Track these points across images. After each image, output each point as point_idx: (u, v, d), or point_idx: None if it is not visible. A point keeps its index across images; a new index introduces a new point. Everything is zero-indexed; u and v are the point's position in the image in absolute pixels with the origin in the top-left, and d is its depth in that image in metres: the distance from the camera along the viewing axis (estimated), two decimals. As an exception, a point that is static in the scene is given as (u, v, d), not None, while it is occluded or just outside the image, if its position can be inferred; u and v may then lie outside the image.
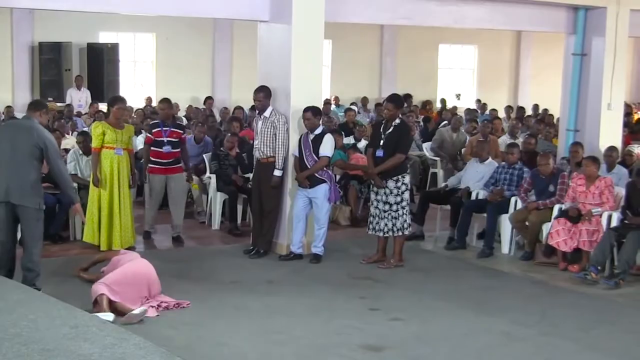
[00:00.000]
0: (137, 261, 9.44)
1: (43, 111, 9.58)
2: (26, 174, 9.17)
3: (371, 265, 11.24)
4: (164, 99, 13.16)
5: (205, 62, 24.64)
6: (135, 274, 9.14)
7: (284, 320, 8.78)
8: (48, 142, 9.21)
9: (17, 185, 9.15)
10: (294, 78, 11.57)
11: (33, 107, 9.64)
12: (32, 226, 9.28)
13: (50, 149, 9.20)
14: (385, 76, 27.17)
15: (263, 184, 11.63)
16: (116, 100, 12.17)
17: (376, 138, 11.26)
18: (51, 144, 9.24)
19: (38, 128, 9.32)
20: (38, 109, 9.58)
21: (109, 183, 11.64)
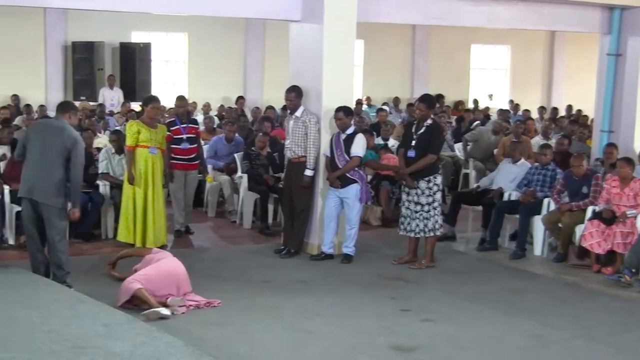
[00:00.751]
0: (169, 259, 9.45)
1: (72, 112, 9.68)
2: (52, 173, 9.27)
3: (402, 265, 11.23)
4: (179, 96, 13.29)
5: (237, 62, 24.68)
6: (168, 272, 9.16)
7: (314, 320, 8.79)
8: (75, 145, 9.29)
9: (42, 184, 9.30)
10: (325, 78, 11.58)
11: (62, 109, 9.73)
12: (55, 224, 9.38)
13: (76, 151, 9.28)
14: (417, 76, 27.12)
15: (294, 183, 11.65)
16: (150, 99, 12.23)
17: (408, 138, 11.25)
18: (78, 148, 9.31)
19: (69, 129, 9.44)
20: (67, 110, 9.68)
21: (143, 182, 11.68)
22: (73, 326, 7.65)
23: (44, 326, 7.59)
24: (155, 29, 23.47)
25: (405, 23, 22.38)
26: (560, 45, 28.98)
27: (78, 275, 9.85)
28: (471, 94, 28.10)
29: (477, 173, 16.32)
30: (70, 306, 8.30)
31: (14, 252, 11.44)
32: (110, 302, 8.70)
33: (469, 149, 17.46)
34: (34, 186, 9.36)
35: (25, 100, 20.80)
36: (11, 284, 9.07)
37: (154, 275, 9.03)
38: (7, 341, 7.12)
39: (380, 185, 14.25)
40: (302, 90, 11.60)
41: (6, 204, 11.80)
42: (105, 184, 12.71)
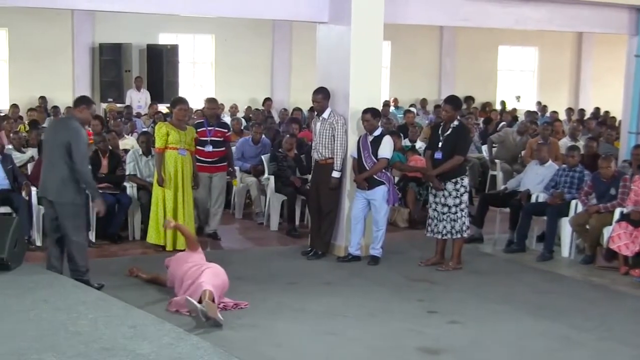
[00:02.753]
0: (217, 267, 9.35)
1: (82, 107, 9.70)
2: (58, 170, 9.40)
3: (429, 267, 11.20)
4: (210, 98, 13.27)
5: (264, 63, 24.73)
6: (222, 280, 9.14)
7: (341, 322, 8.78)
8: (73, 139, 9.31)
9: (51, 182, 9.48)
10: (352, 79, 11.57)
11: (73, 104, 9.98)
12: (68, 222, 9.49)
13: (74, 146, 9.30)
14: (445, 78, 27.10)
15: (321, 185, 11.64)
16: (178, 101, 12.25)
17: (434, 140, 11.21)
18: (76, 142, 9.32)
19: (71, 123, 9.57)
20: (76, 105, 9.84)
21: (173, 183, 11.71)
22: (100, 328, 7.68)
23: (71, 328, 7.63)
24: (182, 31, 23.55)
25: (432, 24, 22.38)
26: (588, 47, 28.89)
27: (106, 277, 9.90)
28: (498, 95, 28.06)
29: (504, 175, 16.26)
30: (98, 308, 8.33)
31: (41, 253, 11.44)
32: (138, 303, 8.72)
33: (494, 150, 17.43)
34: (46, 185, 9.60)
35: (52, 101, 20.92)
36: (39, 285, 9.12)
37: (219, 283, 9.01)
38: (35, 342, 7.16)
39: (407, 187, 14.23)
40: (329, 91, 11.58)
41: (33, 205, 11.86)
42: (132, 186, 12.73)
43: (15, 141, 13.74)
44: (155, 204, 11.80)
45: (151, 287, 9.80)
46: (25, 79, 21.71)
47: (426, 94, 25.96)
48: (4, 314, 8.02)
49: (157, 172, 11.75)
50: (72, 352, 6.98)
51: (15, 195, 11.84)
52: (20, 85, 21.70)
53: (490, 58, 27.88)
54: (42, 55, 21.71)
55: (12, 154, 12.88)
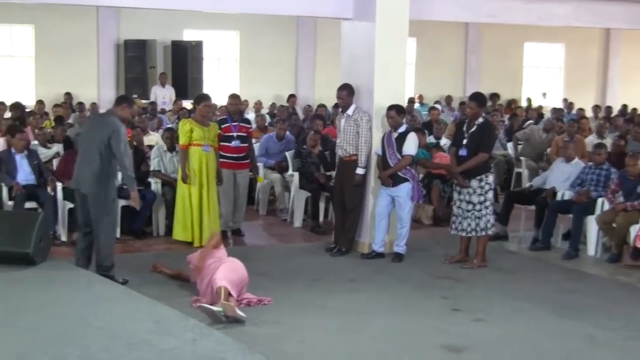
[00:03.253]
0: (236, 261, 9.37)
1: (123, 106, 9.91)
2: (92, 164, 9.56)
3: (453, 265, 11.18)
4: (233, 94, 13.25)
5: (289, 60, 24.75)
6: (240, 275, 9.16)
7: (364, 319, 8.79)
8: (114, 135, 9.47)
9: (85, 175, 9.64)
10: (377, 76, 11.56)
11: (115, 102, 10.15)
12: (99, 216, 9.63)
13: (114, 142, 9.46)
14: (470, 74, 27.03)
15: (345, 182, 11.65)
16: (202, 97, 12.30)
17: (459, 137, 11.20)
18: (117, 138, 9.47)
19: (112, 120, 9.70)
20: (118, 103, 10.03)
21: (198, 180, 11.74)
22: (125, 323, 7.73)
23: (96, 322, 7.68)
24: (206, 27, 23.57)
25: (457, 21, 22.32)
26: (616, 44, 28.72)
27: (129, 273, 9.96)
28: (524, 92, 27.96)
29: (530, 172, 16.23)
30: (123, 303, 8.39)
31: (66, 249, 11.55)
32: (162, 298, 8.76)
33: (520, 148, 17.39)
34: (79, 177, 9.74)
35: (77, 98, 21.02)
36: (64, 280, 9.20)
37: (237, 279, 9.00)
38: (60, 337, 7.22)
39: (432, 184, 14.22)
40: (353, 88, 11.59)
41: (59, 200, 11.94)
42: (156, 182, 12.79)
43: (40, 137, 13.82)
44: (180, 201, 11.84)
45: (175, 283, 9.85)
46: (50, 76, 21.83)
47: (451, 91, 25.90)
48: (29, 309, 8.09)
49: (182, 169, 11.79)
50: (96, 346, 7.03)
51: (41, 191, 11.94)
52: (46, 81, 21.82)
53: (516, 55, 27.79)
54: (68, 51, 21.82)
55: (37, 149, 12.98)
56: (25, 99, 19.51)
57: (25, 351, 6.88)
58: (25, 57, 22.38)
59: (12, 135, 12.40)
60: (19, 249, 9.63)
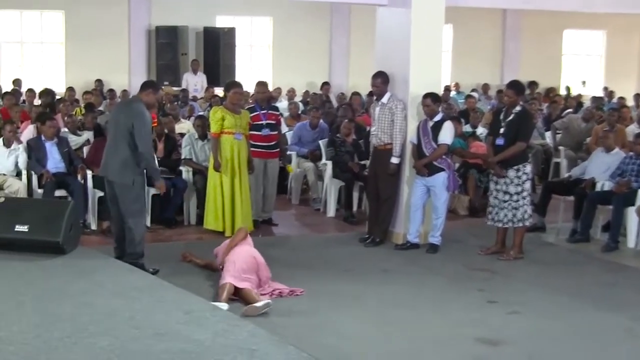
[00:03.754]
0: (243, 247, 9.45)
1: (149, 91, 9.90)
2: (118, 151, 9.59)
3: (490, 256, 11.15)
4: (260, 81, 13.26)
5: (323, 47, 24.72)
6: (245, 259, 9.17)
7: (399, 311, 8.78)
8: (136, 121, 9.50)
9: (112, 162, 9.68)
10: (413, 63, 11.52)
11: (141, 87, 10.08)
12: (125, 202, 9.67)
13: (137, 127, 9.48)
14: (507, 62, 26.89)
15: (380, 171, 11.63)
16: (232, 85, 12.30)
17: (496, 126, 11.15)
18: (139, 123, 9.50)
19: (136, 105, 9.76)
20: (143, 89, 10.00)
21: (230, 168, 11.74)
22: (154, 313, 7.76)
23: (125, 312, 7.71)
24: (239, 13, 23.62)
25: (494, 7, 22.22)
26: (659, 30, 28.50)
27: (160, 262, 9.99)
28: (563, 80, 27.79)
29: (569, 162, 16.14)
30: (152, 293, 8.42)
31: (96, 237, 11.62)
32: (193, 288, 8.79)
33: (558, 137, 17.29)
34: (107, 165, 9.79)
35: (108, 85, 21.13)
36: (93, 270, 9.24)
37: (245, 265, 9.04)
38: (89, 327, 7.25)
39: (468, 174, 14.18)
40: (388, 76, 11.56)
41: (89, 188, 12.00)
42: (188, 170, 12.82)
43: (70, 124, 13.85)
44: (212, 190, 11.85)
45: (206, 273, 9.86)
46: (81, 62, 21.93)
47: (488, 79, 25.78)
48: (58, 298, 8.13)
49: (214, 158, 11.79)
50: (126, 336, 7.06)
51: (71, 179, 12.01)
52: (76, 68, 21.92)
53: (555, 42, 27.61)
54: (98, 38, 21.90)
55: (67, 137, 13.02)
56: (56, 86, 19.61)
57: (54, 341, 6.91)
58: (56, 43, 22.50)
59: (42, 122, 12.49)
60: (49, 237, 9.68)
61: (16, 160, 12.14)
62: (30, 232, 9.74)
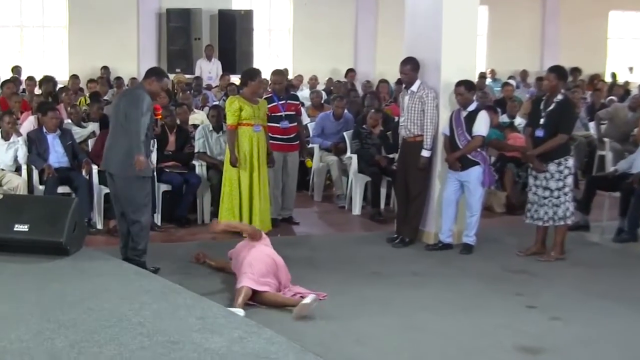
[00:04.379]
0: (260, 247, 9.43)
1: (151, 79, 9.84)
2: (119, 142, 9.63)
3: (529, 257, 11.12)
4: (277, 70, 13.25)
5: (347, 31, 24.73)
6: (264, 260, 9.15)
7: (430, 317, 8.76)
8: (133, 104, 9.49)
9: (113, 154, 9.72)
10: (445, 49, 11.49)
11: (145, 75, 10.08)
12: (128, 197, 9.71)
13: (132, 108, 9.47)
14: (548, 47, 26.85)
15: (409, 165, 11.61)
16: (253, 73, 12.23)
17: (535, 116, 11.10)
18: (135, 106, 9.46)
19: (133, 94, 9.79)
20: (147, 76, 9.97)
21: (248, 163, 11.70)
22: (165, 319, 7.76)
23: (134, 318, 7.72)
24: (257, -5, 23.67)
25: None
26: None
27: (171, 264, 10.03)
28: (608, 66, 27.70)
29: (614, 155, 16.07)
30: (163, 298, 8.42)
31: (102, 237, 11.66)
32: (207, 292, 8.79)
33: (603, 128, 17.22)
34: (108, 157, 9.83)
35: (115, 72, 21.17)
36: (100, 272, 9.26)
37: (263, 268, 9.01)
38: (95, 334, 7.26)
39: (505, 168, 14.15)
40: (418, 62, 11.53)
41: (94, 184, 12.02)
42: (201, 164, 12.83)
43: (74, 115, 13.86)
44: (228, 186, 11.78)
45: (221, 275, 9.88)
46: (86, 48, 22.02)
47: (527, 65, 25.75)
48: (62, 303, 8.14)
49: (230, 152, 11.72)
50: (135, 345, 7.07)
51: (75, 174, 12.04)
52: (81, 54, 22.02)
53: (599, 25, 27.55)
54: (105, 21, 21.98)
55: (71, 128, 13.05)
56: (58, 74, 19.69)
57: (58, 349, 6.92)
58: (58, 27, 22.59)
59: (44, 113, 12.50)
60: (51, 237, 9.70)
61: (15, 154, 12.18)
62: (30, 231, 9.77)
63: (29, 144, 12.24)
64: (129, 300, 8.28)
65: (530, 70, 25.43)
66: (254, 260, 9.09)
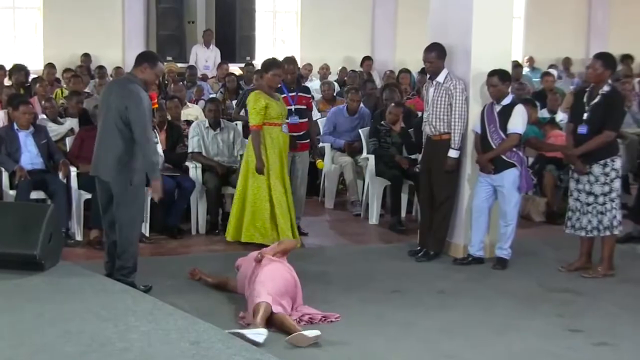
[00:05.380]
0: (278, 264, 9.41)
1: (144, 66, 9.73)
2: (110, 145, 9.53)
3: (572, 273, 11.11)
4: (289, 58, 13.27)
5: (363, 13, 24.79)
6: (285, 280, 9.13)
7: (458, 341, 8.77)
8: (130, 102, 9.39)
9: (104, 157, 9.65)
10: (475, 33, 11.51)
11: (135, 62, 9.91)
12: (123, 208, 9.64)
13: (132, 111, 9.38)
14: (594, 31, 26.88)
15: (434, 167, 11.63)
16: (272, 64, 12.17)
17: (578, 110, 11.09)
18: (136, 107, 9.38)
19: (126, 87, 9.62)
20: (138, 63, 9.82)
21: (279, 169, 11.83)
22: (155, 344, 7.79)
23: (119, 343, 7.75)
24: (260, -29, 23.73)
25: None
26: None
27: (161, 280, 10.05)
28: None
29: (671, 156, 16.11)
30: (152, 319, 8.44)
31: (82, 250, 11.69)
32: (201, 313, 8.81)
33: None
34: (97, 161, 9.75)
35: (97, 60, 21.19)
36: (79, 289, 9.29)
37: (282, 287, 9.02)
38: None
39: (544, 171, 14.17)
40: (445, 49, 11.56)
41: (73, 189, 12.03)
42: (196, 166, 12.84)
43: (49, 110, 13.87)
44: (255, 196, 11.83)
45: (218, 293, 9.91)
46: (63, 32, 22.05)
47: (570, 52, 25.76)
48: (37, 325, 8.18)
49: (257, 157, 11.75)
50: (120, 372, 7.11)
51: (51, 177, 12.05)
52: (57, 40, 22.02)
53: (654, 7, 27.59)
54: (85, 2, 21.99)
55: (47, 125, 13.07)
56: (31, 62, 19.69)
57: (30, 378, 6.97)
58: (31, 8, 22.61)
59: (15, 107, 12.52)
60: (23, 250, 9.74)
61: (-18, 154, 12.23)
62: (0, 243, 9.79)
63: (-3, 143, 12.28)
64: (113, 322, 8.30)
65: (574, 58, 25.44)
66: (276, 275, 9.10)
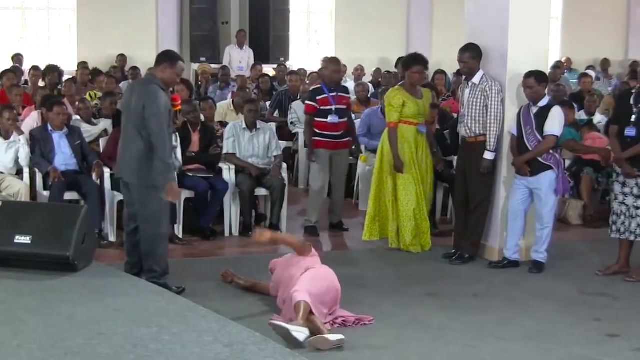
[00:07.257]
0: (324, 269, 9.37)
1: (164, 66, 9.73)
2: (131, 145, 9.55)
3: (610, 277, 11.06)
4: (333, 58, 13.28)
5: (398, 14, 24.76)
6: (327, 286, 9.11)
7: (494, 345, 8.74)
8: (147, 101, 9.37)
9: (125, 160, 9.68)
10: (512, 34, 11.48)
11: (156, 61, 9.92)
12: (145, 209, 9.66)
13: (148, 111, 9.35)
14: (634, 32, 26.72)
15: (470, 169, 11.62)
16: (415, 60, 12.23)
17: (625, 112, 11.00)
18: (151, 106, 9.36)
19: (145, 87, 9.64)
20: (159, 62, 9.84)
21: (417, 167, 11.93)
22: (187, 346, 7.79)
23: (151, 345, 7.75)
24: (294, -28, 23.74)
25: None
26: None
27: (193, 282, 10.05)
28: None
29: None
30: (185, 321, 8.45)
31: (115, 251, 11.70)
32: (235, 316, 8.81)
33: None
34: (121, 163, 9.79)
35: (131, 61, 21.24)
36: (112, 291, 9.30)
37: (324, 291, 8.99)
38: (106, 362, 7.31)
39: (582, 173, 14.10)
40: (481, 49, 11.54)
41: (106, 190, 12.06)
42: (229, 168, 12.86)
43: (83, 111, 13.89)
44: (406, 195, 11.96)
45: (251, 296, 9.92)
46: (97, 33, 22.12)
47: (609, 53, 25.64)
48: (70, 326, 8.19)
49: (394, 155, 11.83)
50: (152, 375, 7.12)
51: (84, 178, 12.08)
52: (91, 40, 22.09)
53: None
54: (119, 3, 22.09)
55: (80, 126, 13.10)
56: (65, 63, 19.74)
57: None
58: (66, 9, 22.70)
59: (49, 108, 12.55)
60: (56, 251, 9.78)
61: (16, 155, 12.28)
62: (33, 244, 9.85)
63: (31, 144, 12.32)
64: (146, 323, 8.31)
65: (612, 59, 25.33)
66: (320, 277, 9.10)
